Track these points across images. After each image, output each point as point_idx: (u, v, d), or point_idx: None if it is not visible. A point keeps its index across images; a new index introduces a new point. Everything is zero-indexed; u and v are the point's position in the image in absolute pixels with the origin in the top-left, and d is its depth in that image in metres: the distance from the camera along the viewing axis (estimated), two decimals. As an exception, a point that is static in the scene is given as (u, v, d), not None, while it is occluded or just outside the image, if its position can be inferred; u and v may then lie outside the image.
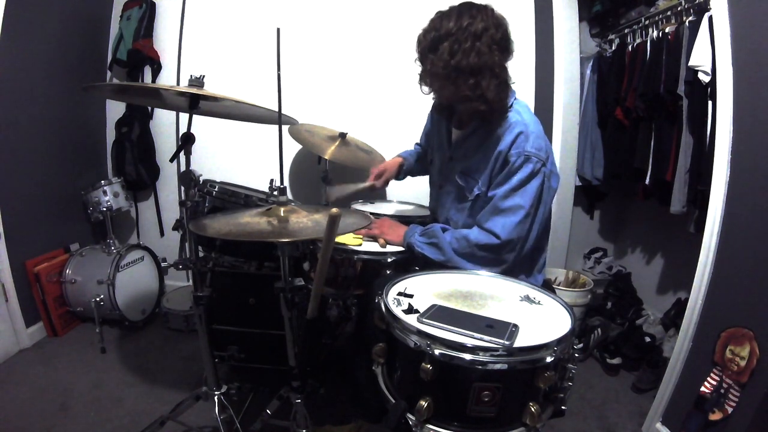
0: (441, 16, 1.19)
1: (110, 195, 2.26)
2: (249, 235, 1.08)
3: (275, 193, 1.24)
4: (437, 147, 1.53)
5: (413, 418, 0.82)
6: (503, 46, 1.19)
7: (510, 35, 1.20)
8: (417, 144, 1.84)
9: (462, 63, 1.14)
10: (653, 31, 2.04)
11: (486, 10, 1.18)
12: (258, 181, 2.11)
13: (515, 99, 1.30)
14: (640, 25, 2.13)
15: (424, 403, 0.80)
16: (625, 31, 2.26)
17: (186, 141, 1.25)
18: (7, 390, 1.71)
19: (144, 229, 2.67)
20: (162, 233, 2.66)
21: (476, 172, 1.31)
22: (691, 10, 1.80)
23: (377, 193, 1.72)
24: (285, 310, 1.16)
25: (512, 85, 1.28)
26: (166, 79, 2.46)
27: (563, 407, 0.88)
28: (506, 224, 1.21)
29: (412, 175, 1.83)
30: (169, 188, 2.60)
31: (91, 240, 2.47)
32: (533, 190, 1.21)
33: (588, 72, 2.44)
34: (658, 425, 1.59)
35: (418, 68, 1.28)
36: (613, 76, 2.26)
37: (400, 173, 1.77)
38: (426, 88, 1.30)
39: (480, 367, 0.77)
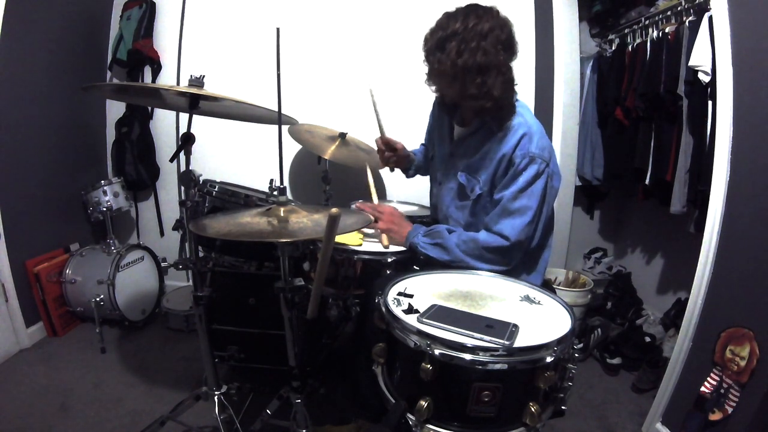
0: (448, 17, 1.20)
1: (110, 195, 2.26)
2: (249, 235, 1.08)
3: (275, 193, 1.24)
4: (438, 142, 1.53)
5: (413, 418, 0.82)
6: (508, 46, 1.20)
7: (514, 36, 1.22)
8: (422, 144, 1.84)
9: (469, 62, 1.15)
10: (653, 31, 2.04)
11: (491, 11, 1.19)
12: (258, 181, 2.11)
13: (517, 100, 1.31)
14: (640, 25, 2.13)
15: (424, 403, 0.80)
16: (625, 31, 2.25)
17: (186, 141, 1.25)
18: (7, 390, 1.71)
19: (144, 229, 2.67)
20: (162, 233, 2.65)
21: (477, 171, 1.32)
22: (691, 10, 1.80)
23: (377, 194, 1.72)
24: (285, 310, 1.16)
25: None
26: (166, 79, 2.46)
27: (563, 407, 0.88)
28: (515, 226, 1.22)
29: (422, 174, 1.83)
30: (169, 188, 2.60)
31: (91, 240, 2.47)
32: (539, 190, 1.22)
33: (588, 72, 2.44)
34: (658, 425, 1.59)
35: (418, 68, 1.28)
36: (613, 76, 2.25)
37: (411, 167, 1.77)
38: (433, 87, 1.31)
39: (480, 367, 0.77)
